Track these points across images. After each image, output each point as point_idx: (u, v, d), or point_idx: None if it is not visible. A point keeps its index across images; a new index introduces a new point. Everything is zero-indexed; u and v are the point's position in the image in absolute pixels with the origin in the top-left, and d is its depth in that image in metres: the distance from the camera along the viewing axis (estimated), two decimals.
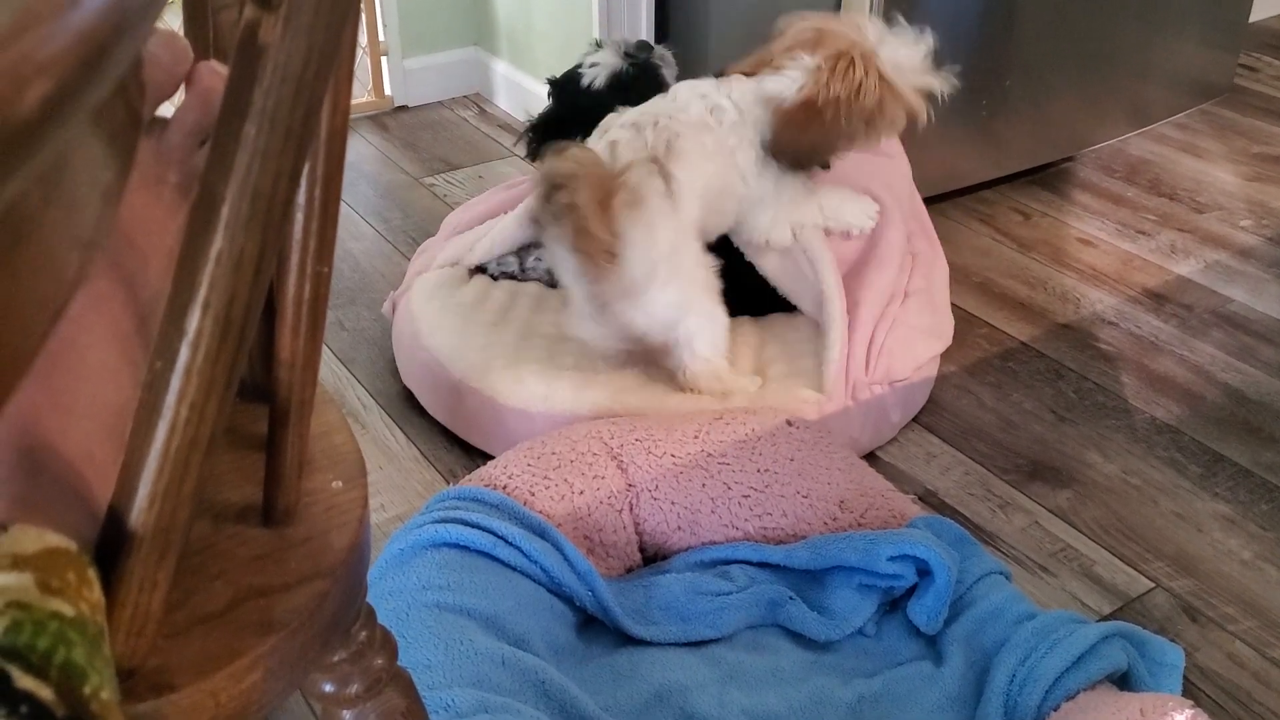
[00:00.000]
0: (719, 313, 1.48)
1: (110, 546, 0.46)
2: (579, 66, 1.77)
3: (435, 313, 1.63)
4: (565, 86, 1.78)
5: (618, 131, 1.48)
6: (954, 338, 1.71)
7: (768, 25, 2.06)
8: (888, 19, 1.86)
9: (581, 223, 1.33)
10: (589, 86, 1.74)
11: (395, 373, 1.69)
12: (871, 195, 1.67)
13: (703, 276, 1.47)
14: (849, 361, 1.53)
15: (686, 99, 1.51)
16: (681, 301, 1.44)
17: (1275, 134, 2.43)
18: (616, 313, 1.44)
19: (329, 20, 0.40)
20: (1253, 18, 2.63)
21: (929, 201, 2.11)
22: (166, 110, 0.57)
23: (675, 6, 2.27)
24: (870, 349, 1.56)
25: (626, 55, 1.75)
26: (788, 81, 1.49)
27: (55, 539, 0.40)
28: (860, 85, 1.45)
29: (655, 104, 1.53)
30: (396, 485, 1.49)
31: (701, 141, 1.47)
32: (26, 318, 0.30)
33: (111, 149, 0.37)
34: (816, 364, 1.55)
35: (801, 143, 1.51)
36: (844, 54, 1.46)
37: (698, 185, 1.45)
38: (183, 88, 0.56)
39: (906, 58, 1.48)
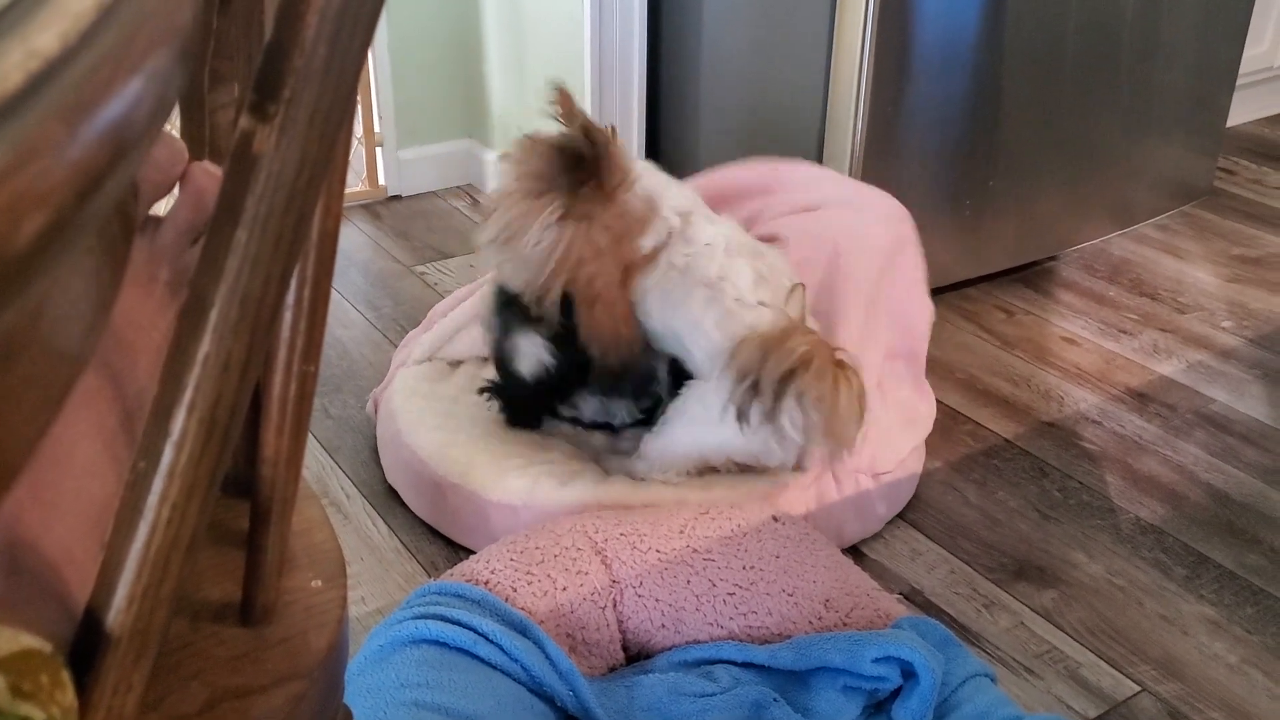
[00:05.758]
0: None
1: (86, 647, 0.46)
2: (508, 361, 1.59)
3: (416, 410, 1.63)
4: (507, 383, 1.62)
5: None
6: (939, 433, 1.72)
7: (756, 111, 2.10)
8: (873, 126, 1.90)
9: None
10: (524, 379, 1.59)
11: (380, 462, 1.68)
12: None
13: None
14: None
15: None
16: None
17: (1254, 236, 2.47)
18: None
19: (323, 131, 0.41)
20: (1230, 122, 2.69)
21: None
22: (161, 206, 0.58)
23: (666, 95, 2.31)
24: None
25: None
26: None
27: (29, 640, 0.40)
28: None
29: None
30: (377, 577, 1.48)
31: None
32: (14, 434, 0.30)
33: (104, 261, 0.38)
34: None
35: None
36: None
37: None
38: (177, 186, 0.57)
39: None
